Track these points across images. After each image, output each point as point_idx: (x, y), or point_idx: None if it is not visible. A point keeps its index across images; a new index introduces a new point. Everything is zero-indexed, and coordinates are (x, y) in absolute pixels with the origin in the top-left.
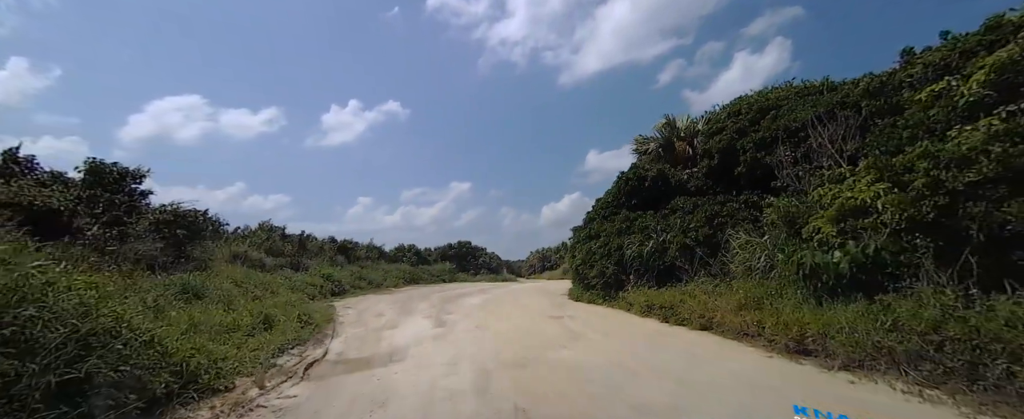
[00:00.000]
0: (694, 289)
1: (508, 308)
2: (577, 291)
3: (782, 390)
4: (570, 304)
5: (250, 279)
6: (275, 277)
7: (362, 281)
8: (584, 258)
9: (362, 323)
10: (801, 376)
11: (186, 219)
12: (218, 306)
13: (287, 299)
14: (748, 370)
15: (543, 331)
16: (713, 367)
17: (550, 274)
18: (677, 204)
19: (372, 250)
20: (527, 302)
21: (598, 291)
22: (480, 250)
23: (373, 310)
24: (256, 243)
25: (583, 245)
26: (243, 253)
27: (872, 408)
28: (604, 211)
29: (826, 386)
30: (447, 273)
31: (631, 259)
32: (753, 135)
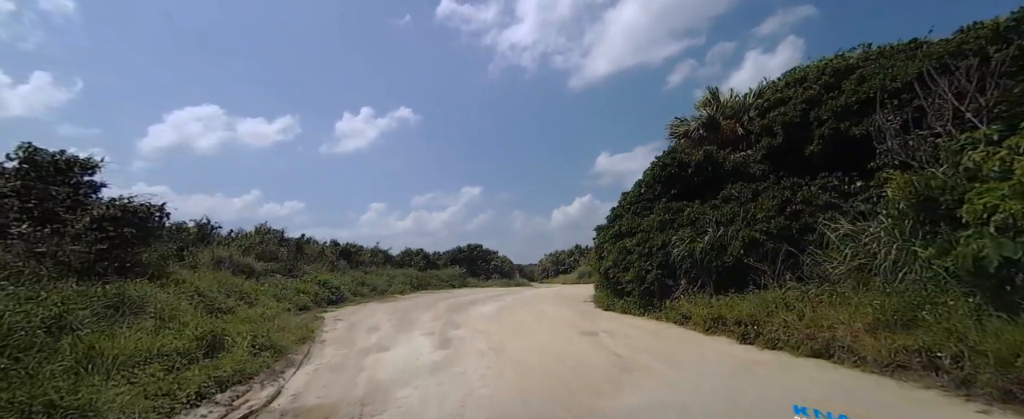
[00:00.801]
0: (781, 297)
1: (527, 319)
2: (606, 298)
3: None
4: (601, 315)
5: (225, 288)
6: (262, 285)
7: (364, 287)
8: (616, 260)
9: (348, 342)
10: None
11: (136, 215)
12: (156, 324)
13: (262, 312)
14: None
15: (579, 355)
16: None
17: (565, 278)
18: (732, 192)
19: (377, 254)
20: (548, 312)
21: (635, 299)
22: (491, 254)
23: (367, 323)
24: (246, 247)
25: (613, 245)
26: (228, 258)
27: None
28: (635, 205)
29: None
30: (457, 278)
31: (680, 259)
32: (831, 103)
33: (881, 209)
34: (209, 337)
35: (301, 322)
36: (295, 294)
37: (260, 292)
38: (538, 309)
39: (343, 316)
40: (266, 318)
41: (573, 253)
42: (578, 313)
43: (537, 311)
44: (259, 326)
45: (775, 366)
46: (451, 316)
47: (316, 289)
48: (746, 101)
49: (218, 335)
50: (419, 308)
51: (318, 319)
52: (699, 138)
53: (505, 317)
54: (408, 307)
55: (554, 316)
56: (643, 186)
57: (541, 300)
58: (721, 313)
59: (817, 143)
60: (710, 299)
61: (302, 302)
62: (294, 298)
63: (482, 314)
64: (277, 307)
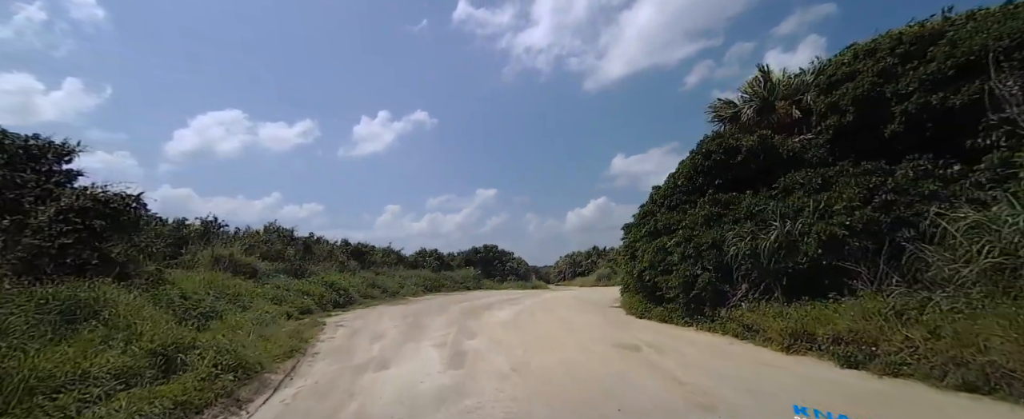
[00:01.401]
0: (887, 306)
1: (552, 328)
2: (639, 304)
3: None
4: (635, 323)
5: (217, 289)
6: (262, 286)
7: (375, 289)
8: (653, 261)
9: (344, 355)
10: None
11: (108, 206)
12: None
13: (255, 317)
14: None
15: (628, 380)
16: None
17: (582, 281)
18: (795, 180)
19: (390, 255)
20: (574, 319)
21: (678, 306)
22: (507, 255)
23: (371, 330)
24: (249, 246)
25: (648, 244)
26: (227, 257)
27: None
28: (669, 199)
29: None
30: (471, 280)
31: (738, 260)
32: (916, 73)
33: (1010, 193)
34: (167, 351)
35: (295, 329)
36: (298, 296)
37: (258, 294)
38: (561, 315)
39: (347, 321)
40: (260, 324)
41: (590, 255)
42: (608, 321)
43: (561, 318)
44: (241, 336)
45: (923, 405)
46: (465, 322)
47: (322, 291)
48: (803, 79)
49: (182, 348)
50: (431, 312)
51: (318, 325)
52: (748, 122)
53: (525, 324)
54: (419, 311)
55: (582, 325)
56: (679, 178)
57: (562, 304)
58: (805, 326)
59: (899, 121)
60: (782, 308)
61: (305, 305)
62: (297, 301)
63: (499, 320)
64: (275, 311)
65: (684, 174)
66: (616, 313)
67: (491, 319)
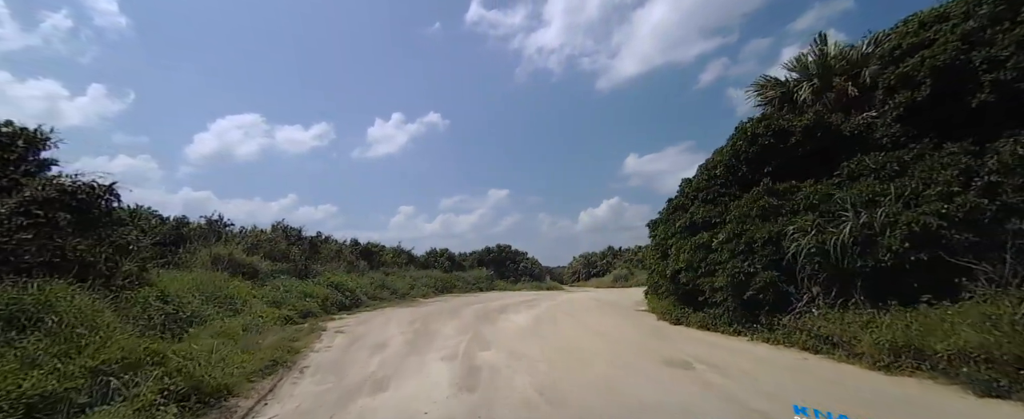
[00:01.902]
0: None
1: (576, 334)
2: (672, 308)
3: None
4: (671, 331)
5: (207, 292)
6: (261, 287)
7: (384, 290)
8: (690, 260)
9: (336, 371)
10: None
11: (75, 197)
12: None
13: (247, 322)
14: None
15: (694, 414)
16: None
17: (598, 282)
18: (862, 165)
19: (400, 255)
20: (601, 325)
21: (725, 312)
22: (520, 255)
23: (375, 337)
24: (251, 245)
25: (684, 241)
26: (226, 256)
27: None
28: (707, 190)
29: None
30: (484, 280)
31: (804, 257)
32: (1014, 33)
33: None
34: (113, 370)
35: (285, 338)
36: (299, 299)
37: (256, 296)
38: (585, 320)
39: (349, 326)
40: (249, 330)
41: (605, 255)
42: (640, 328)
43: (586, 323)
44: (219, 347)
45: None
46: (479, 328)
47: (326, 292)
48: (860, 52)
49: (134, 365)
50: (442, 316)
51: (315, 331)
52: (802, 103)
53: (547, 331)
54: (429, 315)
55: (612, 332)
56: (716, 168)
57: (583, 307)
58: (911, 339)
59: (988, 91)
60: (870, 315)
61: (306, 308)
62: (297, 303)
63: (517, 327)
64: (271, 315)
65: (723, 163)
66: (645, 318)
67: (507, 325)
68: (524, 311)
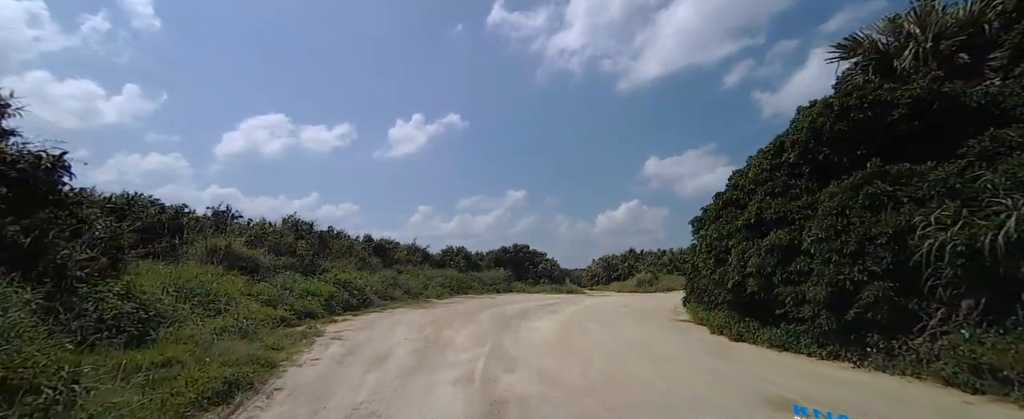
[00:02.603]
0: None
1: (619, 351)
2: (729, 322)
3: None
4: (737, 350)
5: (190, 288)
6: (258, 284)
7: (396, 289)
8: (763, 264)
9: (317, 395)
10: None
11: (15, 167)
12: None
13: (229, 324)
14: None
15: None
16: None
17: (620, 286)
18: (999, 140)
19: (415, 252)
20: (642, 338)
21: (814, 330)
22: (539, 256)
23: (375, 347)
24: (254, 238)
25: (747, 242)
26: (223, 249)
27: None
28: (773, 181)
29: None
30: (501, 281)
31: (945, 259)
32: None
33: None
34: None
35: (268, 345)
36: (300, 297)
37: (250, 293)
38: (624, 332)
39: (350, 331)
40: (228, 335)
41: (627, 258)
42: (696, 346)
43: (624, 335)
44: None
45: None
46: (498, 339)
47: (332, 290)
48: (971, 8)
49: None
50: (455, 320)
51: (307, 337)
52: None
53: (580, 344)
54: (441, 318)
55: (662, 349)
56: (785, 152)
57: (613, 315)
58: None
59: None
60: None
61: (307, 308)
62: (298, 302)
63: (543, 338)
64: (264, 315)
65: (799, 144)
66: (693, 331)
67: (532, 335)
68: (547, 317)
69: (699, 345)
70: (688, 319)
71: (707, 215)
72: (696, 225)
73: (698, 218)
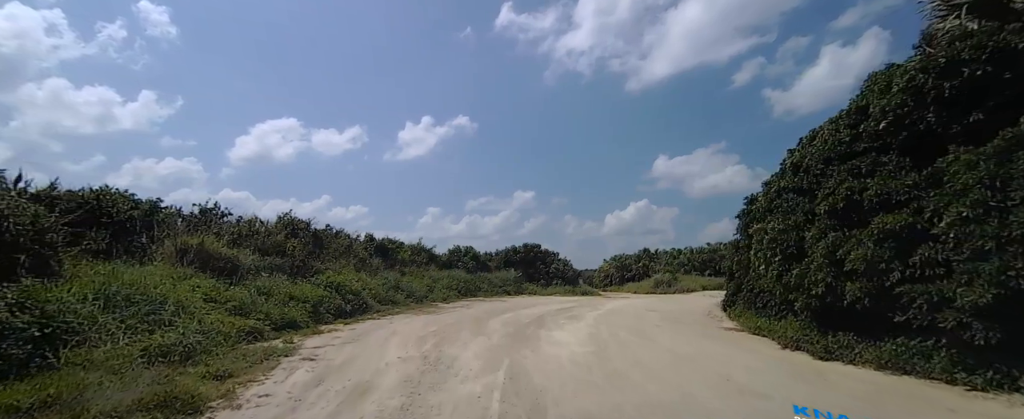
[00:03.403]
0: None
1: (675, 374)
2: (809, 335)
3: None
4: (832, 373)
5: (128, 294)
6: (230, 289)
7: (398, 293)
8: (874, 258)
9: None
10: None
11: None
12: None
13: (169, 342)
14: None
15: None
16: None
17: (635, 287)
18: None
19: (420, 253)
20: (697, 355)
21: (947, 346)
22: (551, 255)
23: (358, 371)
24: (236, 236)
25: (834, 235)
26: (195, 247)
27: None
28: (856, 157)
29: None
30: (512, 283)
31: None
32: None
33: None
34: None
35: (215, 371)
36: (281, 303)
37: (215, 300)
38: (668, 345)
39: (332, 346)
40: (164, 357)
41: (640, 258)
42: (772, 367)
43: (677, 352)
44: None
45: None
46: (517, 356)
47: (323, 295)
48: None
49: None
50: (462, 331)
51: (273, 357)
52: None
53: (618, 363)
54: (447, 328)
55: (738, 377)
56: (875, 120)
57: (642, 321)
58: None
59: None
60: None
61: (288, 316)
62: (277, 310)
63: (571, 355)
64: (227, 328)
65: (887, 113)
66: (756, 344)
67: (557, 350)
68: (568, 325)
69: (779, 367)
70: (737, 327)
71: (756, 207)
72: (744, 218)
73: (745, 211)
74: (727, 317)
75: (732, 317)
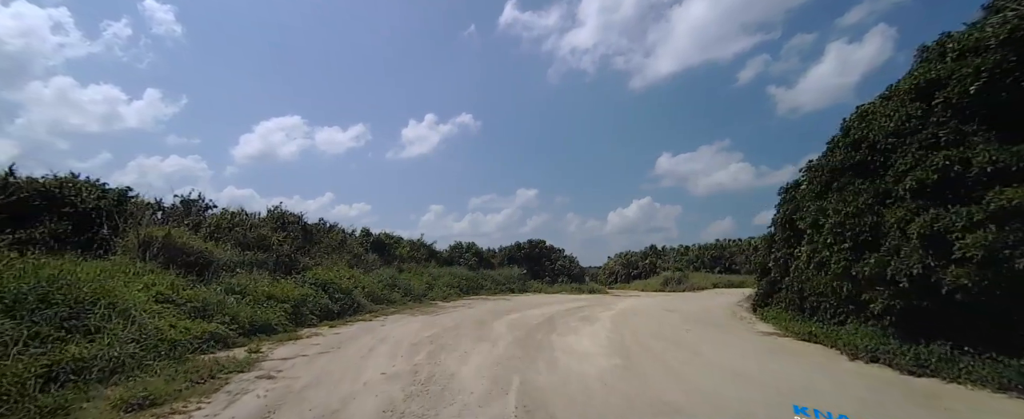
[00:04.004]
0: None
1: (739, 400)
2: (886, 343)
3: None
4: (949, 397)
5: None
6: (195, 288)
7: (394, 291)
8: (993, 245)
9: None
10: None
11: None
12: None
13: (76, 353)
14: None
15: None
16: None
17: (643, 284)
18: None
19: (419, 248)
20: (753, 373)
21: None
22: (557, 252)
23: (325, 394)
24: (214, 229)
25: (926, 216)
26: (160, 239)
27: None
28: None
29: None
30: (516, 280)
31: None
32: None
33: None
34: None
35: (141, 395)
36: (255, 304)
37: (173, 301)
38: (709, 356)
39: (304, 357)
40: (89, 370)
41: (647, 255)
42: (872, 388)
43: (726, 367)
44: None
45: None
46: (528, 373)
47: (307, 293)
48: None
49: None
50: (463, 336)
51: (226, 372)
52: None
53: (659, 381)
54: (445, 333)
55: (849, 407)
56: (948, 86)
57: (667, 323)
58: None
59: None
60: None
61: (261, 319)
62: (247, 311)
63: (596, 369)
64: (181, 334)
65: (986, 67)
66: (809, 353)
67: (579, 365)
68: (583, 328)
69: (886, 392)
70: (777, 332)
71: (801, 192)
72: (783, 208)
73: (787, 199)
74: (758, 319)
75: (765, 319)
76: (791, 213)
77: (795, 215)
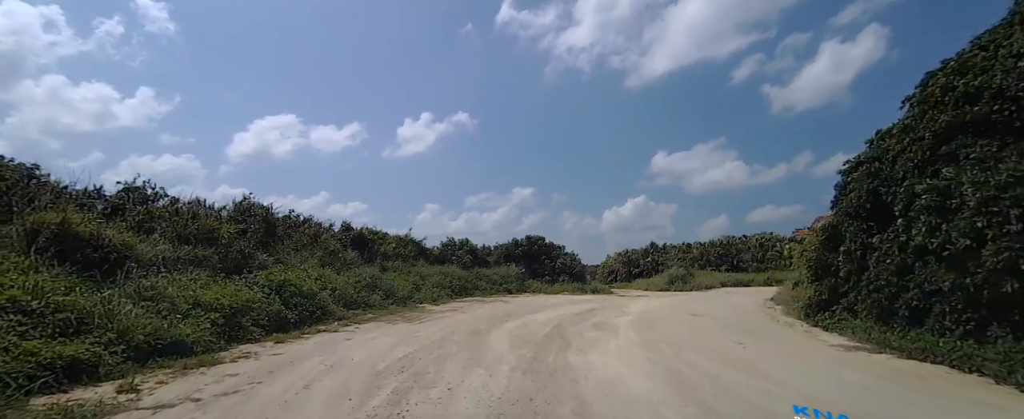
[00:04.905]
0: None
1: None
2: None
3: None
4: None
5: None
6: (70, 295)
7: (374, 293)
8: None
9: None
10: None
11: None
12: None
13: None
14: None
15: None
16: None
17: (646, 283)
18: None
19: (406, 245)
20: (881, 414)
21: None
22: (556, 249)
23: None
24: (146, 218)
25: None
26: (53, 227)
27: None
28: None
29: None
30: (514, 280)
31: None
32: None
33: None
34: None
35: None
36: (176, 314)
37: (27, 308)
38: (791, 384)
39: (194, 402)
40: None
41: (648, 252)
42: None
43: (833, 403)
44: None
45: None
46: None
47: (252, 299)
48: None
49: None
50: (446, 359)
51: None
52: None
53: None
54: (425, 350)
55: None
56: None
57: (701, 331)
58: None
59: None
60: None
61: (173, 336)
62: (156, 325)
63: (652, 409)
64: (19, 363)
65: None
66: (940, 377)
67: (623, 409)
68: (604, 340)
69: None
70: (857, 344)
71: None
72: (864, 184)
73: (867, 173)
74: (817, 327)
75: (829, 329)
76: (871, 193)
77: (886, 194)
